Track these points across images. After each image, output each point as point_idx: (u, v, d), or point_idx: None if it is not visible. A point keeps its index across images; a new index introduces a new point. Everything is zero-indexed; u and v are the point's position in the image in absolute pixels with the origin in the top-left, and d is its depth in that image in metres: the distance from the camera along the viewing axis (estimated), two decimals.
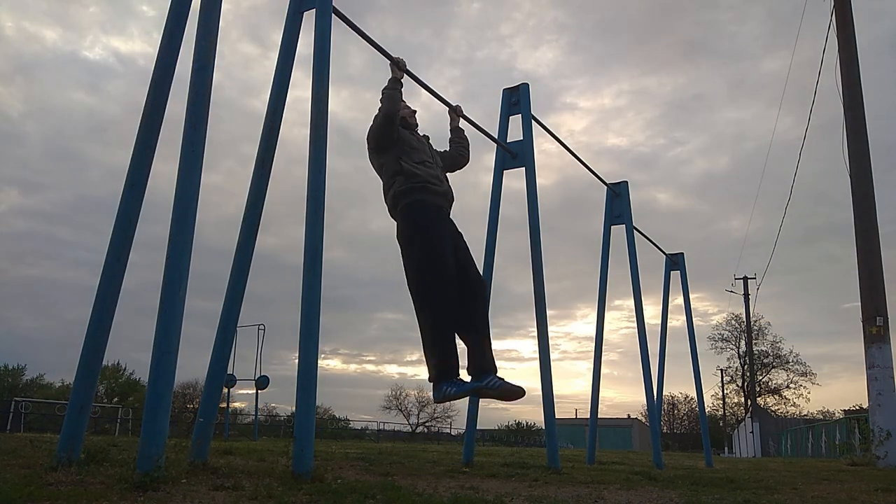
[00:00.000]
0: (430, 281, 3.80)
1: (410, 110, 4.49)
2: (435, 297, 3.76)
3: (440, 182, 4.12)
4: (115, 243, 3.41)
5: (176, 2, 3.57)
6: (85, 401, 3.31)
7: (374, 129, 4.14)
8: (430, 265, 3.81)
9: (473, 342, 3.87)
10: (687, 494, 3.65)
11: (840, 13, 10.57)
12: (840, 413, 34.24)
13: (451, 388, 3.70)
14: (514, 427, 47.84)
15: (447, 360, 3.76)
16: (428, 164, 4.14)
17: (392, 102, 4.09)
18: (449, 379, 3.74)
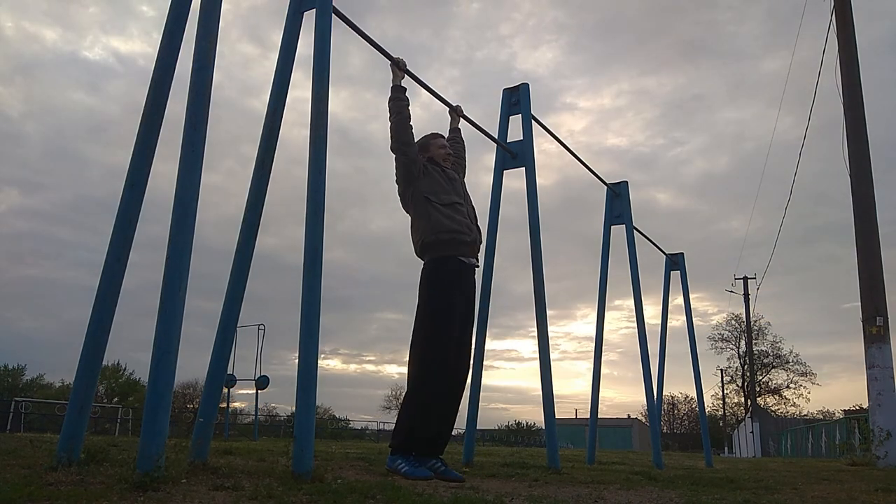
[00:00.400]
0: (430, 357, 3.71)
1: (445, 151, 4.27)
2: (429, 374, 3.68)
3: (469, 231, 3.95)
4: (115, 243, 3.40)
5: (176, 2, 3.57)
6: (85, 401, 3.31)
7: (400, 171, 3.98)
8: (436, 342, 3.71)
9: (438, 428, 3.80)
10: (687, 494, 3.65)
11: (840, 13, 10.57)
12: (840, 413, 34.25)
13: (406, 466, 3.57)
14: (514, 427, 47.86)
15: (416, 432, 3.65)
16: (458, 207, 3.98)
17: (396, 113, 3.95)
18: (407, 455, 3.62)
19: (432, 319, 3.73)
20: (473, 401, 5.62)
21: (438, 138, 4.32)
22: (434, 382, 3.65)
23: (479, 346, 5.60)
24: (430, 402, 3.66)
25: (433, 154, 4.18)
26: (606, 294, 7.78)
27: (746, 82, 69.77)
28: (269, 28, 68.93)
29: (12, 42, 60.98)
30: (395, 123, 3.97)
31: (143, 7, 67.75)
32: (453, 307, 3.76)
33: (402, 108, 4.01)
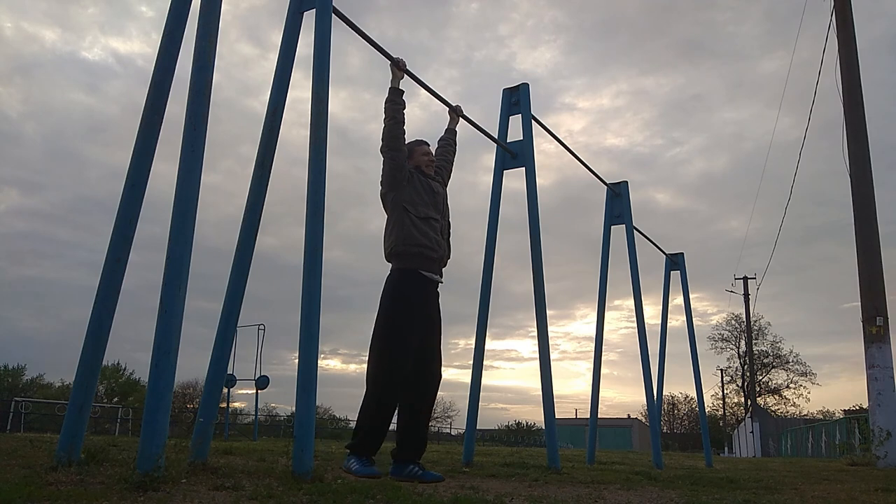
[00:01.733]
0: (386, 358, 3.71)
1: (429, 158, 4.27)
2: (385, 375, 3.69)
3: (437, 246, 3.96)
4: (115, 243, 3.41)
5: (176, 2, 3.57)
6: (85, 401, 3.31)
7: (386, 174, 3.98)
8: (393, 343, 3.73)
9: (406, 430, 3.80)
10: (687, 494, 3.65)
11: (840, 13, 10.57)
12: (840, 413, 34.25)
13: (357, 464, 3.59)
14: (514, 427, 47.87)
15: (372, 437, 3.68)
16: (433, 223, 3.99)
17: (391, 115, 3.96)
18: (361, 455, 3.65)
19: (388, 329, 3.78)
20: (473, 401, 5.62)
21: (423, 146, 4.31)
22: (385, 394, 3.69)
23: (479, 346, 5.60)
24: (380, 411, 3.70)
25: (417, 161, 4.19)
26: (606, 294, 7.79)
27: (745, 82, 69.85)
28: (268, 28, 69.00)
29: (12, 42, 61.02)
30: (388, 127, 3.98)
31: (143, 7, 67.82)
32: (412, 318, 3.80)
33: (397, 111, 4.01)
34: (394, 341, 3.74)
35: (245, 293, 3.77)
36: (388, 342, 3.74)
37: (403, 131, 4.02)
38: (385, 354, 3.72)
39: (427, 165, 4.22)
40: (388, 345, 3.73)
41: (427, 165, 4.22)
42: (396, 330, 3.76)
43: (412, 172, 4.05)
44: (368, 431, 3.68)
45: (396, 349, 3.72)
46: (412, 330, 3.79)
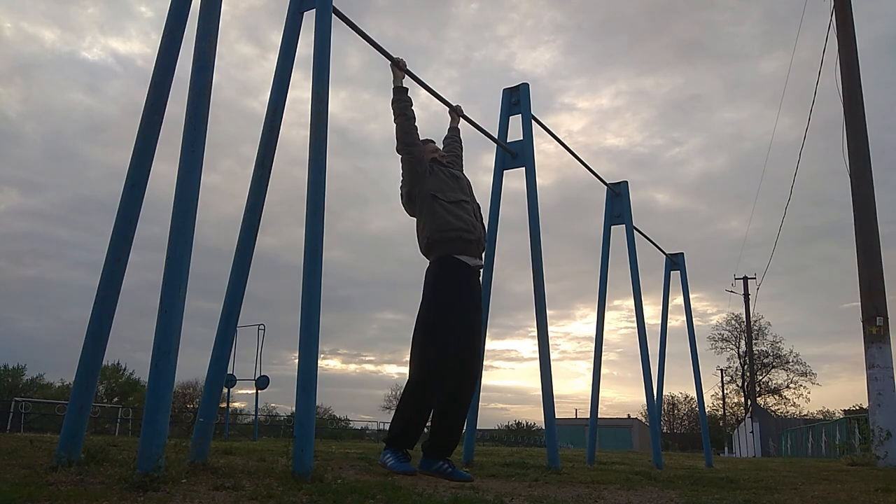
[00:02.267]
0: (431, 352, 3.70)
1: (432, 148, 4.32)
2: (429, 369, 3.66)
3: (473, 228, 3.96)
4: (115, 243, 3.40)
5: (176, 2, 3.57)
6: (85, 401, 3.31)
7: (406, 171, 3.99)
8: (438, 337, 3.70)
9: (442, 425, 3.78)
10: (687, 494, 3.65)
11: (840, 12, 10.57)
12: (840, 413, 34.23)
13: (393, 460, 3.59)
14: (514, 427, 47.85)
15: (410, 431, 3.67)
16: (464, 205, 4.00)
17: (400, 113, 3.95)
18: (398, 450, 3.64)
19: (435, 317, 3.73)
20: (474, 401, 5.62)
21: (430, 143, 4.34)
22: (432, 382, 3.65)
23: None
24: (423, 404, 3.66)
25: (428, 158, 4.19)
26: (606, 294, 7.79)
27: (744, 83, 69.81)
28: (268, 28, 68.99)
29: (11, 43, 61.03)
30: (400, 125, 3.98)
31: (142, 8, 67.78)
32: (457, 306, 3.76)
33: (405, 108, 4.02)
34: (438, 335, 3.70)
35: (245, 293, 3.77)
36: (433, 336, 3.70)
37: (416, 127, 4.03)
38: (430, 349, 3.69)
39: (439, 159, 4.23)
40: (433, 339, 3.70)
41: (439, 159, 4.23)
42: (441, 323, 3.72)
43: (431, 165, 4.06)
44: (407, 425, 3.66)
45: (441, 343, 3.69)
46: (458, 319, 3.74)
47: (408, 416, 3.66)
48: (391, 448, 3.64)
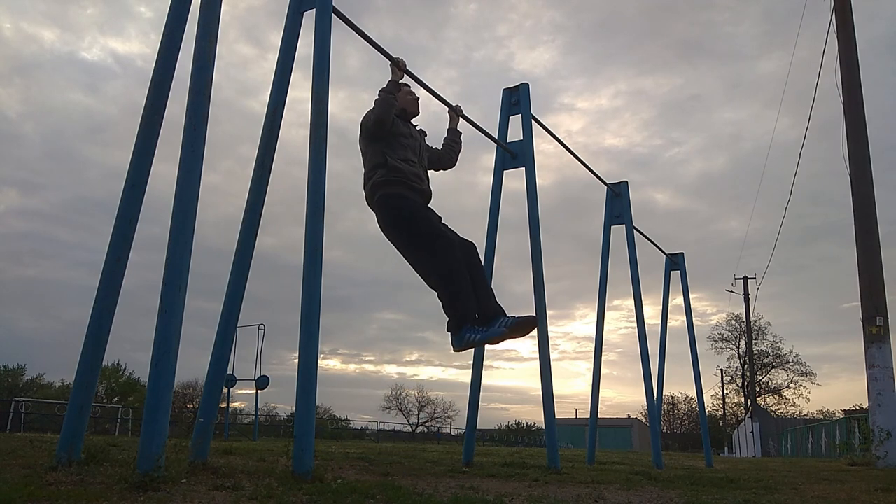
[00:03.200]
0: (427, 242, 3.95)
1: (413, 97, 4.51)
2: (438, 251, 3.91)
3: (420, 180, 4.21)
4: (115, 243, 3.41)
5: (176, 2, 3.57)
6: (85, 401, 3.31)
7: (366, 124, 4.17)
8: (423, 231, 3.97)
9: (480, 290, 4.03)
10: (687, 494, 3.65)
11: (840, 13, 10.57)
12: (840, 413, 34.24)
13: (475, 335, 3.84)
14: (514, 427, 47.84)
15: (469, 305, 3.90)
16: (412, 163, 4.20)
17: (385, 108, 4.10)
18: (471, 325, 3.88)
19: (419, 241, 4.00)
20: (473, 401, 5.62)
21: (405, 87, 4.48)
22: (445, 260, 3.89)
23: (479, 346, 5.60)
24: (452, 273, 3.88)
25: (403, 102, 4.31)
26: (606, 294, 7.79)
27: (743, 83, 69.72)
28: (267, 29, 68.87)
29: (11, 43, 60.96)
30: (383, 101, 4.15)
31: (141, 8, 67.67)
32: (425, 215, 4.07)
33: (389, 101, 4.12)
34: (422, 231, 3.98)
35: (245, 293, 3.77)
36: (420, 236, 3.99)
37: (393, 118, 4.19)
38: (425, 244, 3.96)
39: (412, 104, 4.46)
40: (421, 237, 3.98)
41: (412, 104, 4.46)
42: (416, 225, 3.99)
43: (395, 118, 4.17)
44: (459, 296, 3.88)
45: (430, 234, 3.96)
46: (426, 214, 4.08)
47: (460, 293, 3.87)
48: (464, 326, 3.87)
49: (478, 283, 4.07)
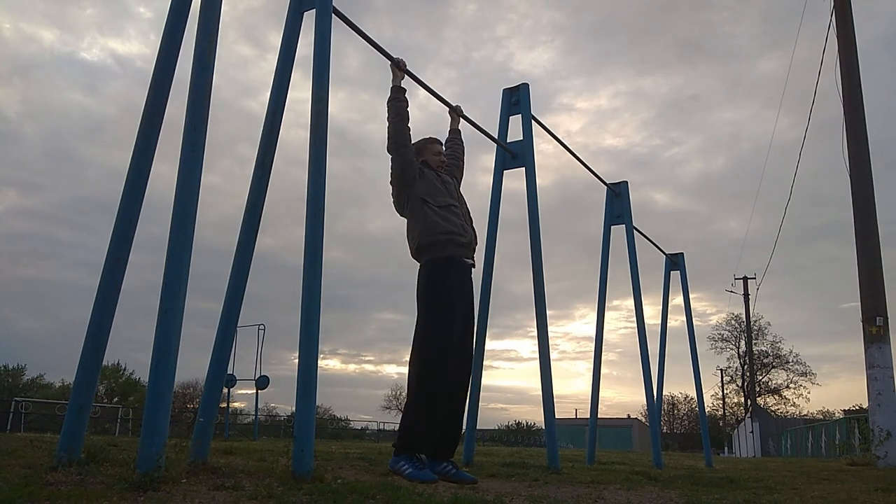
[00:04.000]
0: (434, 352, 3.65)
1: (440, 158, 4.24)
2: (433, 369, 3.62)
3: (464, 232, 3.92)
4: (115, 243, 3.41)
5: (176, 2, 3.57)
6: (85, 401, 3.31)
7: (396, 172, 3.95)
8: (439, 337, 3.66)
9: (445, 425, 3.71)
10: (687, 494, 3.65)
11: (840, 13, 10.57)
12: (840, 413, 34.24)
13: (410, 468, 3.48)
14: (514, 427, 47.84)
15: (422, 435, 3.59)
16: (454, 210, 3.95)
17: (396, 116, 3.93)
18: (411, 456, 3.55)
19: (433, 319, 3.70)
20: (473, 401, 5.62)
21: (435, 144, 4.27)
22: (434, 383, 3.62)
23: (480, 346, 5.60)
24: (431, 402, 3.62)
25: (428, 159, 4.16)
26: (606, 294, 7.79)
27: (742, 83, 69.72)
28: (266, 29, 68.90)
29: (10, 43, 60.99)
30: (393, 124, 3.96)
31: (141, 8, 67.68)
32: (454, 306, 3.75)
33: (400, 109, 3.99)
34: (439, 335, 3.65)
35: (245, 293, 3.77)
36: (434, 336, 3.65)
37: (409, 128, 4.01)
38: (429, 353, 3.64)
39: (438, 165, 4.19)
40: (434, 339, 3.65)
41: (438, 165, 4.19)
42: (440, 325, 3.67)
43: (421, 168, 4.04)
44: (417, 429, 3.57)
45: (443, 342, 3.64)
46: (455, 320, 3.71)
47: (416, 420, 3.58)
48: (404, 454, 3.55)
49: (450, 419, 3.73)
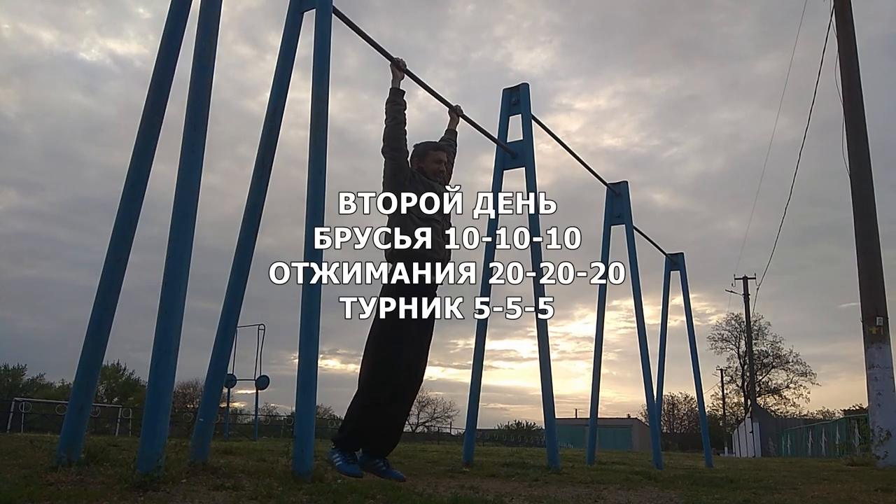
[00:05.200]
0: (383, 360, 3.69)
1: (440, 166, 4.22)
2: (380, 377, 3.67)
3: (439, 250, 3.94)
4: (115, 243, 3.41)
5: (176, 2, 3.57)
6: (85, 401, 3.31)
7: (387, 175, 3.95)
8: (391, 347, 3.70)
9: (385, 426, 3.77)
10: (687, 494, 3.65)
11: (840, 13, 10.57)
12: (840, 413, 34.24)
13: (341, 461, 3.58)
14: (514, 427, 47.86)
15: (359, 435, 3.67)
16: (435, 225, 3.94)
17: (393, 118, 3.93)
18: (346, 451, 3.64)
19: (386, 333, 3.73)
20: (473, 401, 5.62)
21: (439, 153, 4.24)
22: (383, 384, 3.67)
23: (479, 346, 5.61)
24: (376, 405, 3.67)
25: (426, 165, 4.14)
26: (606, 294, 7.80)
27: (741, 83, 69.69)
28: (265, 29, 68.83)
29: (9, 43, 60.98)
30: (389, 128, 3.96)
31: (140, 9, 67.65)
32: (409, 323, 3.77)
33: (398, 111, 3.99)
34: (391, 345, 3.71)
35: (245, 293, 3.77)
36: (386, 345, 3.71)
37: (405, 131, 4.01)
38: (382, 357, 3.69)
39: (435, 173, 4.17)
40: (386, 348, 3.70)
41: (435, 173, 4.17)
42: (394, 334, 3.72)
43: (414, 172, 4.03)
44: (356, 429, 3.66)
45: (393, 353, 3.69)
46: (409, 333, 3.77)
47: (357, 422, 3.67)
48: (339, 449, 3.66)
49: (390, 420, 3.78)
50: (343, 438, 3.67)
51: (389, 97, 4.08)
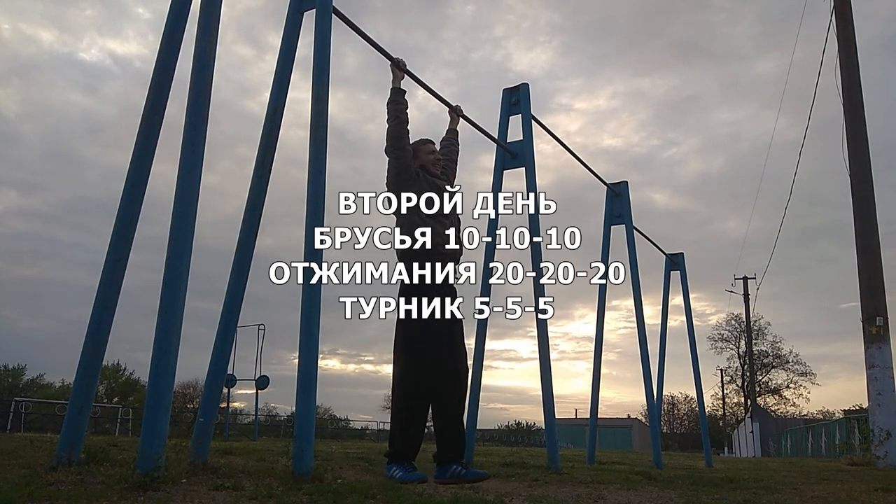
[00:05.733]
0: (411, 361, 3.67)
1: (435, 157, 4.21)
2: (410, 378, 3.65)
3: (440, 248, 3.89)
4: (115, 243, 3.41)
5: (176, 3, 3.57)
6: (85, 401, 3.31)
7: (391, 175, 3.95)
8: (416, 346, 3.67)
9: (442, 430, 3.71)
10: (687, 494, 3.65)
11: (840, 13, 10.57)
12: (840, 413, 34.24)
13: (400, 472, 3.53)
14: (514, 427, 47.84)
15: (408, 442, 3.63)
16: (442, 220, 3.94)
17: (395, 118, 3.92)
18: (400, 462, 3.60)
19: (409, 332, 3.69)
20: (473, 401, 5.62)
21: (428, 144, 4.26)
22: (415, 388, 3.64)
23: (479, 346, 5.60)
24: (407, 413, 3.64)
25: (423, 160, 4.14)
26: (606, 294, 7.79)
27: (740, 83, 69.70)
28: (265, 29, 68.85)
29: (9, 44, 60.98)
30: (391, 127, 3.96)
31: (139, 9, 67.68)
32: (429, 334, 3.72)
33: (400, 111, 3.99)
34: (416, 344, 3.67)
35: (245, 293, 3.77)
36: (411, 345, 3.68)
37: (407, 130, 4.00)
38: (408, 358, 3.67)
39: (433, 164, 4.17)
40: (411, 348, 3.68)
41: (433, 164, 4.17)
42: (417, 332, 3.68)
43: (418, 172, 4.03)
44: (402, 437, 3.62)
45: (419, 351, 3.66)
46: (433, 330, 3.71)
47: (401, 428, 3.64)
48: (394, 462, 3.60)
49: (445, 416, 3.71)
50: (395, 452, 3.63)
51: (391, 97, 4.07)
